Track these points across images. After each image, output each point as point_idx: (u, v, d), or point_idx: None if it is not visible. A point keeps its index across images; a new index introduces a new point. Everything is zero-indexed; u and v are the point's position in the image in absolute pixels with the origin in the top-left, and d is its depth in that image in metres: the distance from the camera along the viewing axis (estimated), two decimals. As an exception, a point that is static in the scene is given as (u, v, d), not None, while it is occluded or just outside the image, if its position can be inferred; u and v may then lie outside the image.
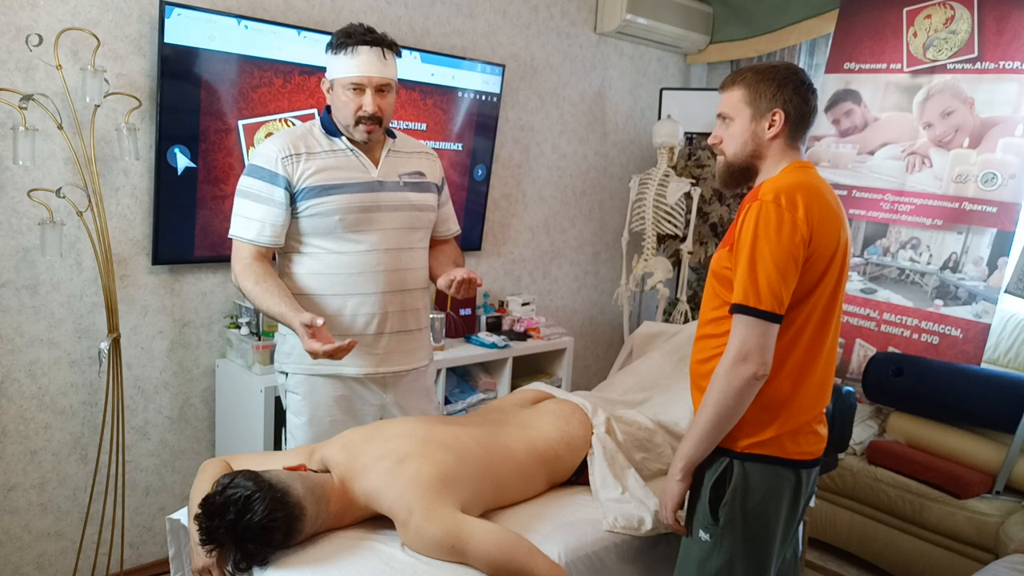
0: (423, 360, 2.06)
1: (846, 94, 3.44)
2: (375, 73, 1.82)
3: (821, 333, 1.50)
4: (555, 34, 3.61)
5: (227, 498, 1.42)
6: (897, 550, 2.85)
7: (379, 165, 1.93)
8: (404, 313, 1.97)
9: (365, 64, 1.81)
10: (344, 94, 1.83)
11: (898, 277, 3.26)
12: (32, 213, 2.26)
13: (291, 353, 1.94)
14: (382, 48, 1.83)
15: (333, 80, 1.85)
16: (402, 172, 1.97)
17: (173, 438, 2.66)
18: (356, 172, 1.89)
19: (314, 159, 1.86)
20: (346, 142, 1.90)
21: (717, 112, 1.61)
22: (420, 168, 2.02)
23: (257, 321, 2.62)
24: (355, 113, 1.83)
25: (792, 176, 1.49)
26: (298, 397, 1.94)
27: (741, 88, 1.55)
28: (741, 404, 1.45)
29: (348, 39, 1.81)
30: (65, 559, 2.48)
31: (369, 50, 1.81)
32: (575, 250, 3.96)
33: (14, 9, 2.18)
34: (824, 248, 1.46)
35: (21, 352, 2.32)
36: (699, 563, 1.54)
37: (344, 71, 1.82)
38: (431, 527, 1.49)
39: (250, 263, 1.82)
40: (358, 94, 1.82)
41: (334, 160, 1.88)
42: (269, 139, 1.89)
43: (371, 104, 1.82)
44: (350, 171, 1.88)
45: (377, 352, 1.93)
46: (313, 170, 1.84)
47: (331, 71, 1.85)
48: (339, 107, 1.85)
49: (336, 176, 1.86)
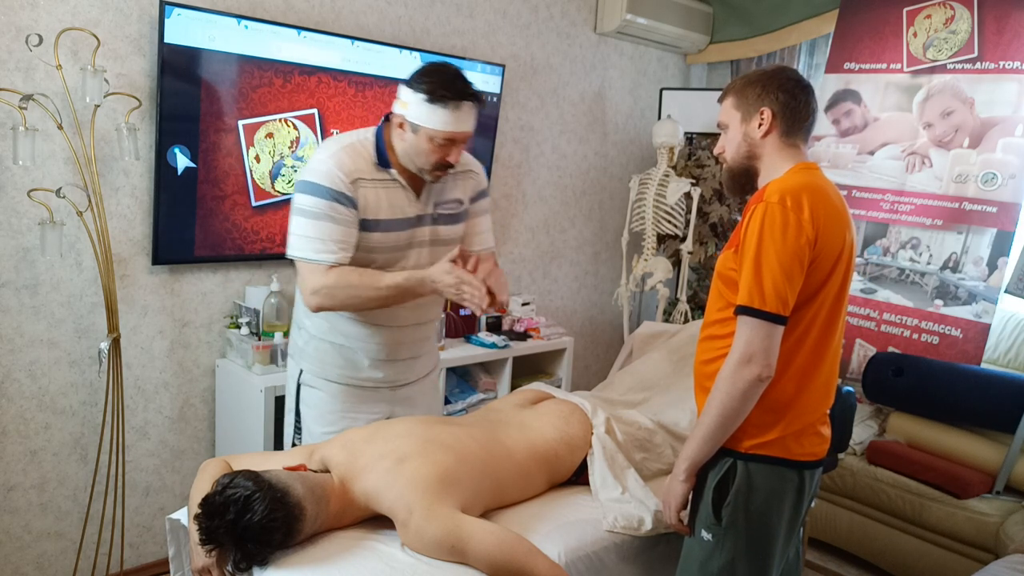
0: (430, 366, 2.10)
1: (846, 94, 3.44)
2: (469, 128, 1.76)
3: (826, 335, 1.50)
4: (555, 34, 3.61)
5: (227, 498, 1.42)
6: (897, 550, 2.85)
7: (420, 196, 1.85)
8: (416, 342, 1.99)
9: (463, 120, 1.73)
10: (429, 143, 1.73)
11: (898, 277, 3.26)
12: (32, 213, 2.26)
13: (304, 349, 1.96)
14: (478, 102, 1.76)
15: (419, 126, 1.72)
16: (440, 202, 1.89)
17: (173, 438, 2.66)
18: (398, 207, 1.82)
19: (364, 189, 1.77)
20: (395, 173, 1.81)
21: (718, 123, 1.65)
22: (457, 195, 1.93)
23: (257, 321, 2.62)
24: (437, 162, 1.76)
25: (798, 177, 1.49)
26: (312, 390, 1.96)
27: (731, 96, 1.59)
28: (745, 405, 1.45)
29: (448, 93, 1.69)
30: (65, 559, 2.47)
31: (469, 106, 1.73)
32: (575, 250, 3.95)
33: (14, 9, 2.18)
34: (830, 250, 1.46)
35: (21, 352, 2.32)
36: (701, 563, 1.54)
37: (439, 124, 1.70)
38: (431, 527, 1.49)
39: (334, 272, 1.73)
40: (446, 146, 1.74)
41: (383, 193, 1.79)
42: (332, 156, 1.75)
43: (456, 156, 1.76)
44: (392, 206, 1.81)
45: (388, 371, 1.96)
46: (362, 201, 1.77)
47: (417, 116, 1.71)
48: (417, 151, 1.75)
49: (379, 211, 1.79)
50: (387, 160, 1.80)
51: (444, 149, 1.74)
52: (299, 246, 1.75)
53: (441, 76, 1.72)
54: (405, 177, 1.82)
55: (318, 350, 1.93)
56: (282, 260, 2.81)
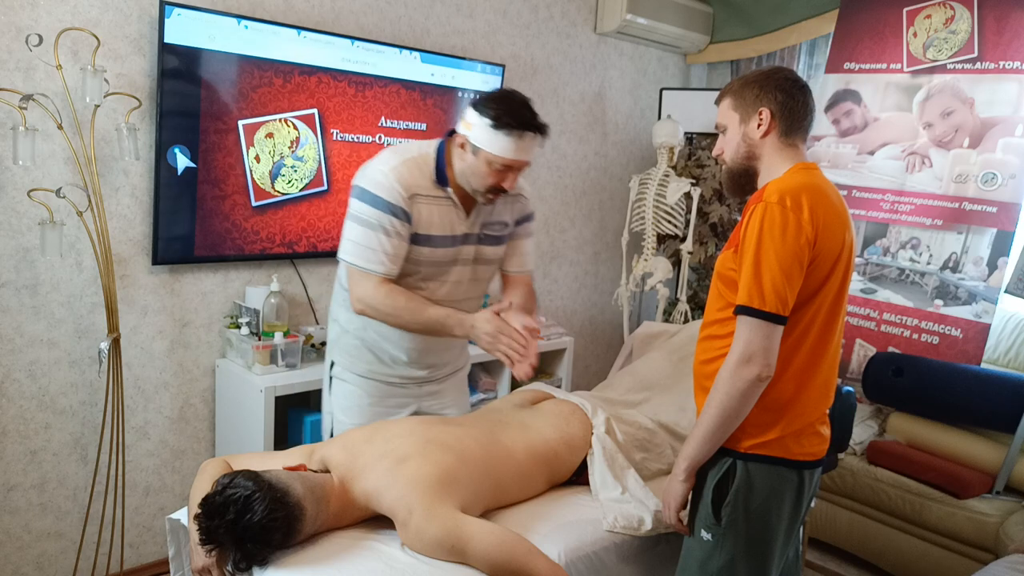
0: (460, 364, 2.14)
1: (846, 94, 3.44)
2: (529, 158, 1.79)
3: (825, 335, 1.50)
4: (555, 34, 3.61)
5: (227, 498, 1.42)
6: (897, 550, 2.85)
7: (470, 215, 1.89)
8: (447, 350, 2.03)
9: (524, 150, 1.75)
10: (487, 167, 1.76)
11: (898, 277, 3.26)
12: (32, 213, 2.26)
13: (337, 343, 2.00)
14: (541, 133, 1.78)
15: (480, 149, 1.75)
16: (487, 222, 1.93)
17: (173, 438, 2.66)
18: (449, 225, 1.85)
19: (419, 204, 1.81)
20: (450, 191, 1.84)
21: (716, 126, 1.65)
22: (505, 217, 1.97)
23: (257, 321, 2.62)
24: (492, 186, 1.79)
25: (797, 177, 1.49)
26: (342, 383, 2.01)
27: (728, 97, 1.60)
28: (745, 405, 1.45)
29: (513, 121, 1.72)
30: (65, 559, 2.48)
31: (531, 136, 1.75)
32: (575, 250, 3.95)
33: (14, 9, 2.18)
34: (829, 250, 1.46)
35: (21, 352, 2.32)
36: (701, 563, 1.54)
37: (499, 150, 1.73)
38: (431, 527, 1.49)
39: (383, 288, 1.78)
40: (503, 172, 1.77)
41: (436, 209, 1.83)
42: (394, 170, 1.78)
43: (511, 183, 1.80)
44: (443, 223, 1.84)
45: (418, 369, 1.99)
46: (416, 216, 1.80)
47: (480, 139, 1.74)
48: (474, 173, 1.78)
49: (431, 227, 1.83)
50: (445, 178, 1.83)
51: (501, 175, 1.77)
52: (352, 252, 1.79)
53: (509, 103, 1.74)
54: (459, 195, 1.85)
55: (350, 345, 1.98)
56: (282, 260, 2.81)
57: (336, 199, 2.85)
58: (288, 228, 2.75)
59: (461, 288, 1.94)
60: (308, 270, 2.92)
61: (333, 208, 2.85)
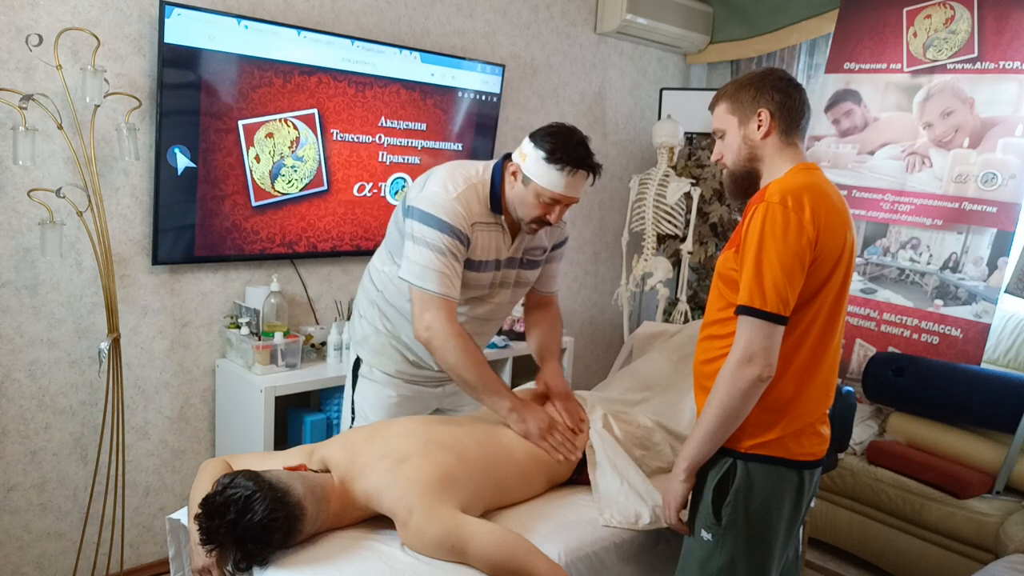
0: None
1: (846, 94, 3.45)
2: (578, 195, 1.82)
3: (826, 335, 1.50)
4: (555, 34, 3.61)
5: (227, 498, 1.42)
6: (897, 550, 2.85)
7: (515, 240, 1.93)
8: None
9: (574, 186, 1.79)
10: (536, 199, 1.80)
11: (898, 277, 3.26)
12: (32, 213, 2.26)
13: (366, 339, 2.03)
14: (594, 173, 1.81)
15: (532, 181, 1.79)
16: (529, 247, 1.97)
17: (173, 438, 2.66)
18: (495, 250, 1.90)
19: (478, 231, 1.85)
20: (502, 219, 1.88)
21: (712, 131, 1.65)
22: (545, 243, 2.01)
23: (257, 321, 2.62)
24: (538, 217, 1.82)
25: (798, 177, 1.49)
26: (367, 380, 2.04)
27: (724, 101, 1.60)
28: (746, 405, 1.45)
29: (567, 157, 1.75)
30: (65, 559, 2.47)
31: (583, 174, 1.79)
32: (575, 250, 3.95)
33: (14, 9, 2.18)
34: (830, 250, 1.46)
35: (21, 352, 2.32)
36: (701, 563, 1.54)
37: (551, 184, 1.77)
38: (431, 527, 1.49)
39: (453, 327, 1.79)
40: (550, 206, 1.80)
41: (487, 235, 1.87)
42: (460, 197, 1.80)
43: (557, 217, 1.82)
44: (491, 248, 1.89)
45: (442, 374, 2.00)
46: (473, 243, 1.84)
47: (532, 171, 1.78)
48: (522, 202, 1.82)
49: (482, 253, 1.87)
50: (499, 205, 1.86)
51: (547, 208, 1.81)
52: (420, 276, 1.79)
53: (565, 140, 1.77)
54: (507, 222, 1.89)
55: (380, 344, 2.02)
56: (282, 260, 2.81)
57: (336, 199, 2.85)
58: (288, 228, 2.76)
59: (498, 308, 2.00)
60: (308, 270, 2.92)
61: (333, 208, 2.85)
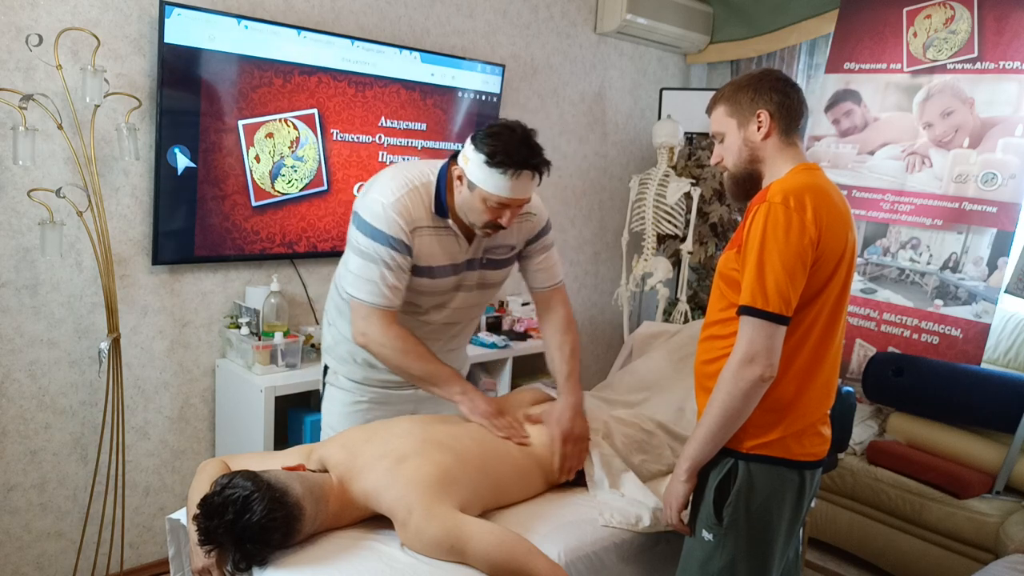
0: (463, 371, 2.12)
1: (846, 94, 3.44)
2: (526, 195, 1.73)
3: (827, 335, 1.50)
4: (555, 34, 3.61)
5: (226, 498, 1.42)
6: (897, 550, 2.84)
7: (472, 243, 1.85)
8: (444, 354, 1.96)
9: (520, 188, 1.69)
10: (483, 204, 1.70)
11: (898, 277, 3.26)
12: (32, 213, 2.26)
13: (334, 348, 1.99)
14: (539, 172, 1.71)
15: (477, 186, 1.69)
16: (491, 247, 1.88)
17: (173, 438, 2.66)
18: (450, 254, 1.82)
19: (422, 237, 1.77)
20: (451, 222, 1.80)
21: (711, 135, 1.64)
22: (511, 241, 1.91)
23: (257, 321, 2.62)
24: (489, 222, 1.74)
25: (800, 177, 1.49)
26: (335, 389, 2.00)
27: (722, 104, 1.60)
28: (747, 406, 1.45)
29: (508, 160, 1.65)
30: (65, 559, 2.48)
31: (529, 175, 1.69)
32: (575, 250, 3.95)
33: (14, 9, 2.18)
34: (832, 250, 1.46)
35: (21, 352, 2.32)
36: (702, 563, 1.54)
37: (496, 189, 1.67)
38: (430, 527, 1.49)
39: (390, 330, 1.76)
40: (499, 209, 1.71)
41: (438, 240, 1.80)
42: (395, 204, 1.73)
43: (508, 220, 1.74)
44: (444, 253, 1.81)
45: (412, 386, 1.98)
46: (417, 249, 1.77)
47: (477, 176, 1.68)
48: (472, 208, 1.73)
49: (433, 259, 1.80)
50: (445, 209, 1.78)
51: (496, 212, 1.72)
52: (354, 285, 1.77)
53: (506, 140, 1.66)
54: (459, 226, 1.81)
55: (346, 351, 1.95)
56: (282, 260, 2.81)
57: (336, 199, 2.85)
58: (288, 228, 2.76)
59: (461, 312, 1.93)
60: (308, 270, 2.92)
61: (333, 208, 2.85)
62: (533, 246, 1.97)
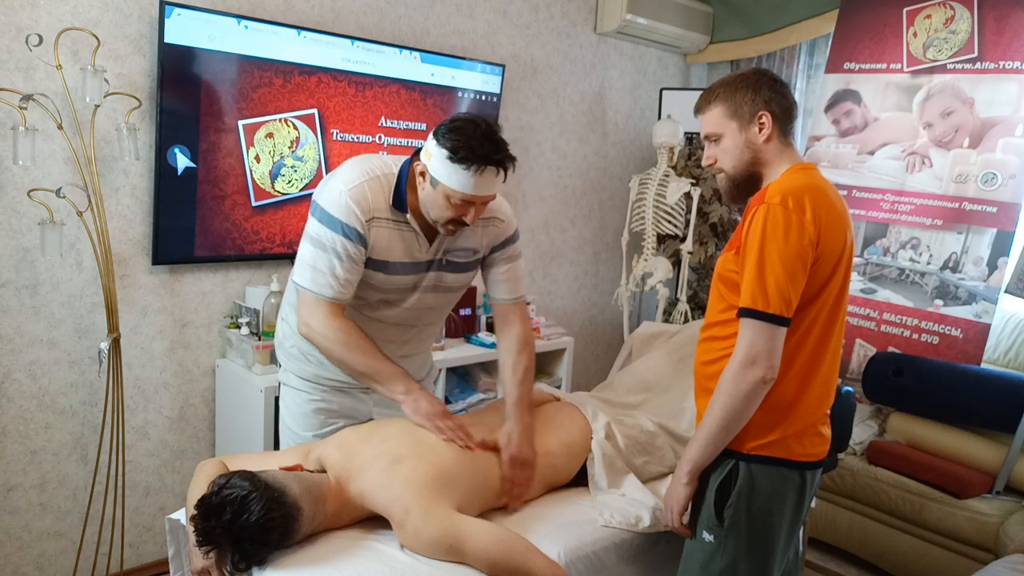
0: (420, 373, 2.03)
1: (846, 94, 3.44)
2: (491, 192, 1.67)
3: (827, 335, 1.50)
4: (555, 34, 3.61)
5: (223, 498, 1.42)
6: (897, 550, 2.84)
7: (432, 242, 1.79)
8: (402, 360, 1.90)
9: (484, 185, 1.63)
10: (447, 200, 1.65)
11: (898, 277, 3.26)
12: (32, 213, 2.26)
13: (283, 344, 1.94)
14: (503, 168, 1.66)
15: (439, 183, 1.63)
16: (451, 249, 1.82)
17: (173, 438, 2.66)
18: (409, 252, 1.76)
19: (378, 228, 1.71)
20: (410, 217, 1.74)
21: (703, 135, 1.61)
22: (473, 243, 1.85)
23: (257, 321, 2.62)
24: (452, 219, 1.68)
25: (797, 178, 1.49)
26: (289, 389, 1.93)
27: (719, 104, 1.56)
28: (749, 408, 1.45)
29: (471, 155, 1.59)
30: (65, 559, 2.48)
31: (494, 171, 1.63)
32: (575, 250, 3.95)
33: (14, 9, 2.18)
34: (831, 250, 1.46)
35: (21, 352, 2.32)
36: (703, 564, 1.54)
37: (460, 185, 1.61)
38: (428, 527, 1.49)
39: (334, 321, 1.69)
40: (462, 207, 1.66)
41: (396, 235, 1.73)
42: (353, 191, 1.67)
43: (473, 218, 1.68)
44: (403, 250, 1.75)
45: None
46: (373, 241, 1.71)
47: (437, 171, 1.63)
48: (435, 205, 1.67)
49: (390, 253, 1.73)
50: (404, 204, 1.72)
51: (460, 209, 1.66)
52: (301, 273, 1.71)
53: (468, 135, 1.60)
54: (420, 223, 1.75)
55: (296, 347, 1.89)
56: (282, 260, 2.81)
57: (336, 199, 2.85)
58: (288, 228, 2.76)
59: (415, 313, 1.86)
60: (308, 270, 2.92)
61: (333, 208, 2.85)
62: (498, 254, 1.90)
